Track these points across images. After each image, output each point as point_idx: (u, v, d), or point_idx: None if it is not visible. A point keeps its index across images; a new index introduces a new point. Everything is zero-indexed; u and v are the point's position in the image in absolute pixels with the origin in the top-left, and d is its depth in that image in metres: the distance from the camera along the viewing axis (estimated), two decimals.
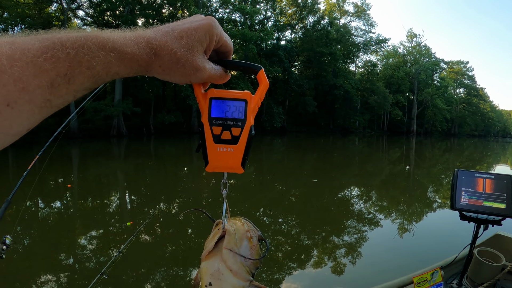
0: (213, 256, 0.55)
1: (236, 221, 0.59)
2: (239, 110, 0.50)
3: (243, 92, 0.50)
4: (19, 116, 0.32)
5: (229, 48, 0.50)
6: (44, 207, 7.13)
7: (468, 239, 1.88)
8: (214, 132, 0.50)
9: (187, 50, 0.42)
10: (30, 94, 0.32)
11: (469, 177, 1.71)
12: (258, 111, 0.52)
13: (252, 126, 0.50)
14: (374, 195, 9.73)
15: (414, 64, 51.71)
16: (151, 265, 4.44)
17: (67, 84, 0.34)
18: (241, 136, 0.50)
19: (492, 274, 1.86)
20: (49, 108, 0.35)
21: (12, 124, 0.33)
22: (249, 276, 0.55)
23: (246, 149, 0.50)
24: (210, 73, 0.46)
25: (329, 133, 42.47)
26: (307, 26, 41.49)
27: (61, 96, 0.35)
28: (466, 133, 61.57)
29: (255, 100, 0.50)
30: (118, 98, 24.18)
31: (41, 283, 3.85)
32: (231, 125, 0.50)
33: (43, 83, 0.32)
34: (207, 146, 0.50)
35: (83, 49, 0.34)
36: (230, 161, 0.50)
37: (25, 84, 0.31)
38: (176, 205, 7.53)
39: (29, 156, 13.82)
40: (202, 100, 0.50)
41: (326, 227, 6.47)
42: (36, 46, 0.32)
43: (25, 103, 0.32)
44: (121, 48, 0.37)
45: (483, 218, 1.69)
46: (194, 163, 15.00)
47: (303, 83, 37.50)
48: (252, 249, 0.56)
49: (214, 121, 0.50)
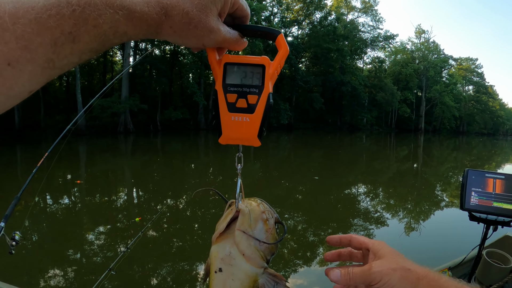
0: (225, 239, 0.51)
1: (251, 202, 0.55)
2: (256, 76, 0.46)
3: (261, 57, 0.47)
4: (20, 76, 0.31)
5: (245, 13, 0.47)
6: (52, 203, 7.23)
7: (477, 239, 1.85)
8: (229, 99, 0.46)
9: (200, 10, 0.40)
10: (33, 52, 0.30)
11: (479, 177, 1.68)
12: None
13: (271, 94, 0.46)
14: (381, 193, 9.67)
15: (423, 60, 51.02)
16: (158, 260, 4.49)
17: (72, 43, 0.32)
18: (258, 105, 0.46)
19: (501, 276, 1.83)
20: (52, 69, 0.33)
21: (13, 85, 0.31)
22: (263, 262, 0.51)
23: (264, 119, 0.46)
24: (225, 36, 0.43)
25: (337, 130, 42.24)
26: (314, 22, 41.16)
27: (65, 57, 0.33)
28: (475, 131, 60.64)
29: (274, 66, 0.47)
30: (125, 95, 24.33)
31: (49, 278, 3.92)
32: (247, 92, 0.46)
33: (46, 41, 0.30)
34: (220, 115, 0.46)
35: (89, 6, 0.32)
36: (245, 132, 0.46)
37: (27, 42, 0.30)
38: (183, 201, 7.57)
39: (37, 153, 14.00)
40: (216, 66, 0.47)
41: (333, 224, 6.46)
42: (40, 4, 0.31)
43: (27, 62, 0.30)
44: (130, 6, 0.35)
45: (493, 219, 1.66)
46: (201, 159, 15.06)
47: (310, 80, 37.28)
48: (267, 232, 0.52)
49: (228, 87, 0.46)
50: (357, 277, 0.50)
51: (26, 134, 19.80)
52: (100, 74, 31.25)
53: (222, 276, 0.50)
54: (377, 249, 0.54)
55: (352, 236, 0.61)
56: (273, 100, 0.47)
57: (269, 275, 0.52)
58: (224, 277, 0.50)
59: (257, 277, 0.51)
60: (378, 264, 0.51)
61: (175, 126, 29.06)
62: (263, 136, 0.47)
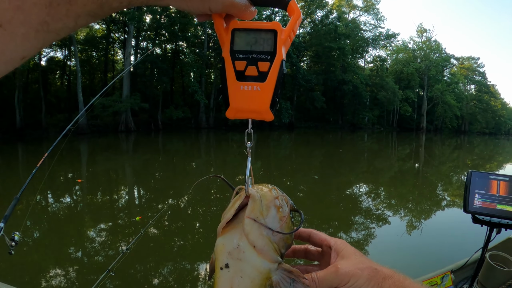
0: (232, 230, 0.45)
1: (261, 187, 0.49)
2: (267, 42, 0.42)
3: (272, 22, 0.43)
4: (12, 39, 0.29)
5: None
6: (53, 202, 7.24)
7: (480, 242, 1.84)
8: (237, 67, 0.42)
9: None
10: (26, 13, 0.28)
11: (483, 179, 1.66)
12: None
13: (284, 61, 0.42)
14: (383, 192, 9.65)
15: (424, 59, 50.83)
16: (159, 259, 4.48)
17: (68, 4, 0.30)
18: (270, 72, 0.42)
19: (504, 280, 1.81)
20: (46, 33, 0.31)
21: (5, 49, 0.29)
22: (277, 256, 0.44)
23: (276, 88, 0.42)
24: (233, 0, 0.39)
25: (338, 129, 42.20)
26: (316, 20, 41.06)
27: (61, 19, 0.30)
28: (477, 130, 60.38)
29: (287, 31, 0.43)
30: (126, 93, 24.34)
31: (50, 277, 3.92)
32: (257, 58, 0.42)
33: (40, 1, 0.29)
34: (228, 84, 0.42)
35: None
36: (256, 103, 0.42)
37: (20, 2, 0.28)
38: (185, 200, 7.57)
39: (38, 151, 14.04)
40: (223, 33, 0.43)
41: (334, 223, 6.45)
42: None
43: (19, 24, 0.28)
44: None
45: (496, 221, 1.64)
46: (202, 158, 15.06)
47: (311, 78, 37.18)
48: (282, 221, 0.45)
49: (237, 54, 0.42)
50: (324, 281, 0.46)
51: (27, 133, 19.83)
52: (101, 73, 31.26)
53: (229, 273, 0.43)
54: (340, 248, 0.51)
55: (312, 231, 0.57)
56: (286, 69, 0.43)
57: (284, 271, 0.44)
58: (231, 274, 0.43)
59: (270, 273, 0.44)
60: (344, 264, 0.47)
61: (176, 125, 29.08)
62: (276, 108, 0.43)
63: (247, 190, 0.46)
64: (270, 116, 0.43)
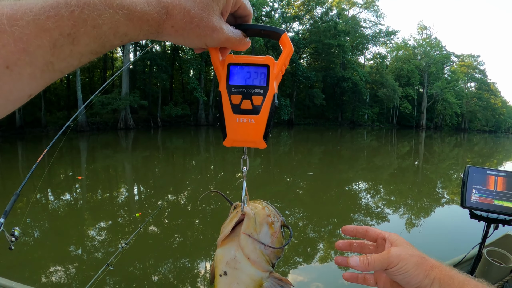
0: (230, 242, 0.51)
1: (256, 204, 0.54)
2: (260, 77, 0.46)
3: (265, 57, 0.46)
4: (19, 80, 0.30)
5: (248, 12, 0.46)
6: (53, 199, 7.24)
7: (477, 238, 1.84)
8: (233, 101, 0.45)
9: (202, 9, 0.39)
10: (31, 55, 0.30)
11: (480, 174, 1.67)
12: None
13: (276, 94, 0.45)
14: (382, 189, 9.66)
15: (424, 57, 50.69)
16: (159, 256, 4.50)
17: (71, 44, 0.32)
18: (263, 106, 0.45)
19: (501, 276, 1.82)
20: (52, 72, 0.32)
21: (12, 89, 0.30)
22: (269, 266, 0.51)
23: (269, 120, 0.45)
24: (227, 35, 0.42)
25: (338, 126, 42.18)
26: (315, 17, 40.89)
27: (65, 59, 0.32)
28: (477, 128, 60.36)
29: (279, 65, 0.46)
30: (125, 91, 24.28)
31: (50, 273, 3.93)
32: (252, 93, 0.45)
33: (45, 43, 0.30)
34: (225, 117, 0.46)
35: (88, 6, 0.32)
36: (251, 134, 0.46)
37: (25, 45, 0.29)
38: (184, 197, 7.58)
39: (38, 149, 14.04)
40: (220, 66, 0.46)
41: (333, 219, 6.46)
42: (39, 6, 0.30)
43: (25, 65, 0.30)
44: (130, 5, 0.35)
45: (494, 217, 1.65)
46: (201, 155, 15.06)
47: (311, 75, 37.09)
48: (273, 236, 0.51)
49: (233, 89, 0.45)
50: (376, 261, 0.52)
51: (27, 131, 19.81)
52: (100, 70, 31.16)
53: (227, 279, 0.50)
54: (393, 238, 0.57)
55: (368, 227, 0.63)
56: (278, 101, 0.46)
57: (275, 279, 0.51)
58: (229, 280, 0.50)
59: (262, 280, 0.51)
60: (396, 249, 0.53)
61: (176, 122, 29.05)
62: (269, 137, 0.47)
63: (243, 209, 0.52)
64: (264, 145, 0.47)
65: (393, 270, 0.51)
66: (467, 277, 0.49)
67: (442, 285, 0.48)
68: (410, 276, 0.50)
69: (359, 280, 0.61)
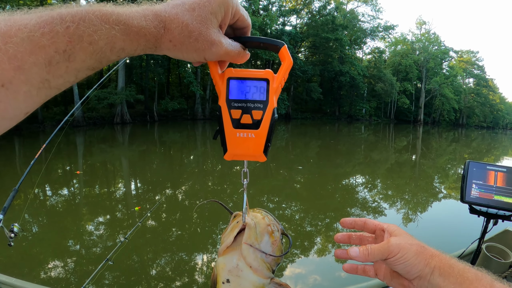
0: (232, 251, 0.52)
1: (256, 214, 0.56)
2: (260, 91, 0.46)
3: (265, 71, 0.46)
4: (15, 98, 0.29)
5: (246, 24, 0.45)
6: (51, 195, 7.22)
7: (477, 233, 1.85)
8: (233, 116, 0.45)
9: (200, 23, 0.38)
10: (26, 73, 0.29)
11: (480, 169, 1.67)
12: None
13: (275, 108, 0.46)
14: (379, 184, 9.71)
15: (423, 52, 50.59)
16: (157, 250, 4.51)
17: (67, 61, 0.31)
18: (263, 120, 0.45)
19: (500, 271, 1.83)
20: (48, 89, 0.31)
21: (8, 107, 0.30)
22: (269, 273, 0.53)
23: (269, 134, 0.46)
24: (226, 49, 0.41)
25: (335, 120, 42.19)
26: (313, 11, 40.66)
27: (61, 76, 0.31)
28: (474, 124, 60.51)
29: (278, 79, 0.46)
30: (121, 85, 24.11)
31: (49, 269, 3.93)
32: (251, 107, 0.45)
33: (40, 60, 0.29)
34: (225, 131, 0.46)
35: (84, 22, 0.31)
36: (251, 148, 0.46)
37: (20, 62, 0.28)
38: (182, 191, 7.58)
39: (35, 145, 13.96)
40: (219, 81, 0.46)
41: (330, 213, 6.49)
42: (33, 22, 0.29)
43: (21, 83, 0.29)
44: (127, 21, 0.34)
45: (493, 212, 1.65)
46: (198, 149, 15.05)
47: (308, 69, 36.97)
48: (273, 245, 0.53)
49: (232, 103, 0.45)
50: (376, 251, 0.53)
51: (24, 127, 19.66)
52: None
53: (229, 286, 0.51)
54: (392, 229, 0.57)
55: (366, 219, 0.64)
56: (277, 115, 0.47)
57: (276, 284, 0.53)
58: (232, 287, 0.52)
59: (264, 287, 0.52)
60: (395, 239, 0.53)
61: (172, 116, 28.95)
62: (268, 151, 0.47)
63: (244, 220, 0.53)
64: (264, 159, 0.47)
65: (393, 259, 0.51)
66: (467, 266, 0.50)
67: (442, 273, 0.49)
68: (410, 265, 0.51)
69: (359, 272, 0.60)
